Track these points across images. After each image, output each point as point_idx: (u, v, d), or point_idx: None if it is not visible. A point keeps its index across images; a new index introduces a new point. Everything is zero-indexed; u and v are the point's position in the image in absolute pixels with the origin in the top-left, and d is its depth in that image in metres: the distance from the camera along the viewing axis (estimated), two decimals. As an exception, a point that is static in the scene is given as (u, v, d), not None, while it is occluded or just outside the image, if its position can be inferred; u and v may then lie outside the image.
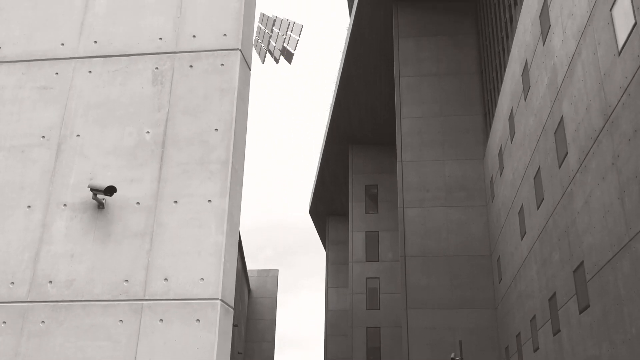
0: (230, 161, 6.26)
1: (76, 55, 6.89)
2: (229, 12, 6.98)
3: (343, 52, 32.53)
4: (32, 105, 6.75)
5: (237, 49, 6.76)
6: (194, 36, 6.87)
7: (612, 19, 11.85)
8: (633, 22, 10.91)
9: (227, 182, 6.17)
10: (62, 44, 6.96)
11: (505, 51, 23.99)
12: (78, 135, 6.54)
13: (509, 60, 21.84)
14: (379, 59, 32.51)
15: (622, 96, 11.43)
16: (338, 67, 33.94)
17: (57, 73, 6.83)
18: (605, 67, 12.31)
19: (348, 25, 32.18)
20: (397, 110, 28.57)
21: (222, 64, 6.71)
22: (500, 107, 23.90)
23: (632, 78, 10.86)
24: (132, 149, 6.40)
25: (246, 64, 6.94)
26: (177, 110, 6.53)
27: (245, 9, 7.06)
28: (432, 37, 29.49)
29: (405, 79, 29.00)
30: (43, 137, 6.58)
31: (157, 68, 6.72)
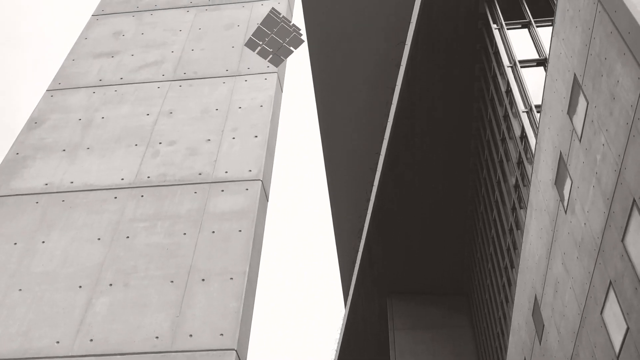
0: None
1: (69, 354, 6.80)
2: (227, 311, 7.12)
3: (338, 343, 32.24)
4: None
5: (233, 350, 6.72)
6: (191, 335, 6.88)
7: (604, 322, 12.03)
8: (625, 327, 11.06)
9: None
10: (58, 342, 6.92)
11: (502, 347, 23.79)
12: None
13: (507, 358, 21.50)
14: (374, 351, 32.05)
15: (629, 403, 10.98)
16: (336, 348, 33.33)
17: (45, 373, 6.66)
18: (606, 371, 12.07)
19: (343, 316, 32.51)
20: (395, 407, 27.16)
21: (216, 365, 6.61)
22: (503, 407, 22.75)
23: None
24: None
25: (240, 364, 6.83)
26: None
27: (243, 309, 7.21)
28: (428, 330, 29.51)
29: (402, 372, 28.20)
30: None
31: (149, 368, 6.59)
